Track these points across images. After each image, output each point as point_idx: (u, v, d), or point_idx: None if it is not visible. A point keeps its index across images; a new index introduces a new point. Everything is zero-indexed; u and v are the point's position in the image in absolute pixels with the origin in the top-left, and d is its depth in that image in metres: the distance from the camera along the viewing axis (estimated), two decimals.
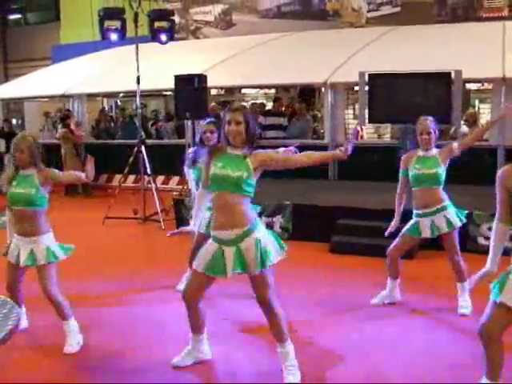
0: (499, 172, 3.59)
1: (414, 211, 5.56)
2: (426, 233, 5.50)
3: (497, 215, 3.69)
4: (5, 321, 3.42)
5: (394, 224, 5.58)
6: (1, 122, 15.65)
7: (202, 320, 4.28)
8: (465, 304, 5.44)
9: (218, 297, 5.68)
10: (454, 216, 5.53)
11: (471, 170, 10.67)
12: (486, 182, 10.40)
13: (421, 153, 5.51)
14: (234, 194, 3.94)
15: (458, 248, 5.54)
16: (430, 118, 5.49)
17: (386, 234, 5.54)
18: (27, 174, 4.61)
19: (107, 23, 10.56)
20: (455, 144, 5.55)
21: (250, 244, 3.93)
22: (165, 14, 11.30)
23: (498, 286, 3.47)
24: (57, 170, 4.77)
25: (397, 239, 5.59)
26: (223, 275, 4.01)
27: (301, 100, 14.88)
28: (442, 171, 5.48)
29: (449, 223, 5.45)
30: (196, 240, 5.47)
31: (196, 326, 4.28)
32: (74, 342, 4.67)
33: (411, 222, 5.56)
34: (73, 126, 13.41)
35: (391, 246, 5.60)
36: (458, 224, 5.53)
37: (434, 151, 5.51)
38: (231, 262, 3.96)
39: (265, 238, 4.01)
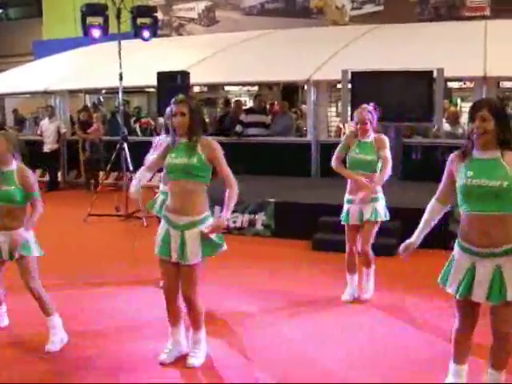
0: (450, 155, 3.74)
1: (347, 196, 5.77)
2: (355, 220, 5.67)
3: (437, 193, 3.92)
4: None
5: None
6: None
7: (181, 311, 4.36)
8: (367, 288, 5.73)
9: None
10: (382, 209, 5.66)
11: None
12: None
13: (359, 137, 5.71)
14: (189, 180, 4.12)
15: (372, 239, 5.70)
16: (368, 108, 5.66)
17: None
18: (6, 171, 4.57)
19: (90, 19, 10.49)
20: (386, 152, 5.66)
21: (194, 234, 4.14)
22: (148, 11, 11.25)
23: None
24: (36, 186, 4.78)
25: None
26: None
27: (283, 97, 14.90)
28: (377, 159, 5.65)
29: (374, 213, 5.59)
30: None
31: (176, 319, 4.31)
32: (56, 339, 4.63)
33: (344, 209, 5.76)
34: (95, 125, 13.51)
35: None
36: (382, 218, 5.69)
37: (371, 137, 5.69)
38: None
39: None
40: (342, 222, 5.79)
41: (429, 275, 6.34)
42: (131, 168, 10.11)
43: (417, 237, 4.05)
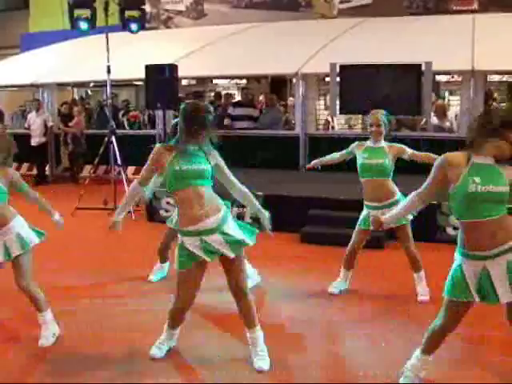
0: (447, 154, 3.62)
1: (365, 203, 5.65)
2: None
3: (421, 191, 3.82)
4: None
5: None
6: None
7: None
8: (422, 291, 5.59)
9: None
10: None
11: None
12: None
13: (369, 143, 5.64)
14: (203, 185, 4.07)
15: (412, 240, 5.62)
16: (382, 111, 5.62)
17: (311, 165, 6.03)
18: None
19: (77, 12, 10.42)
20: (408, 150, 5.64)
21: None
22: (135, 3, 11.19)
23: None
24: (25, 184, 4.78)
25: (353, 234, 5.67)
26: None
27: (272, 90, 14.89)
28: (388, 163, 5.58)
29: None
30: (167, 235, 5.55)
31: (178, 323, 4.33)
32: (49, 334, 4.60)
33: (362, 213, 5.64)
34: (76, 118, 13.46)
35: (350, 242, 5.68)
36: (409, 218, 5.49)
37: (383, 143, 5.61)
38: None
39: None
40: (361, 229, 5.64)
41: None
42: (119, 161, 10.08)
43: (389, 222, 4.09)
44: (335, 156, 5.88)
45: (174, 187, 3.99)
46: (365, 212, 5.63)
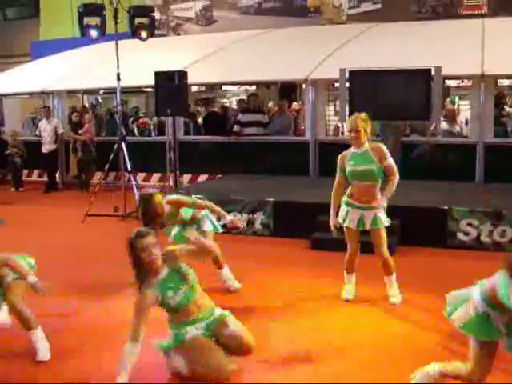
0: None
1: (348, 200, 5.63)
2: (354, 226, 5.57)
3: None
4: None
5: (332, 223, 5.67)
6: None
7: None
8: (394, 293, 5.64)
9: None
10: (384, 215, 5.56)
11: (451, 166, 10.76)
12: (465, 178, 10.56)
13: (353, 149, 5.58)
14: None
15: (386, 243, 5.59)
16: (362, 115, 5.55)
17: (332, 229, 5.71)
18: None
19: (87, 20, 10.46)
20: (388, 160, 5.53)
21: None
22: (145, 11, 11.23)
23: None
24: None
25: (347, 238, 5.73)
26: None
27: (281, 96, 14.89)
28: (377, 168, 5.49)
29: (375, 221, 5.51)
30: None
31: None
32: (43, 347, 4.52)
33: (342, 210, 5.65)
34: (87, 126, 13.54)
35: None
36: (386, 224, 5.55)
37: (367, 145, 5.55)
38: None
39: None
40: (342, 225, 5.68)
41: (428, 272, 6.39)
42: (129, 168, 10.10)
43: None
44: (337, 189, 5.74)
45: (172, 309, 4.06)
46: (344, 209, 5.63)
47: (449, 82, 13.96)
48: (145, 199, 5.52)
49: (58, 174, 14.34)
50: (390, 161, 5.53)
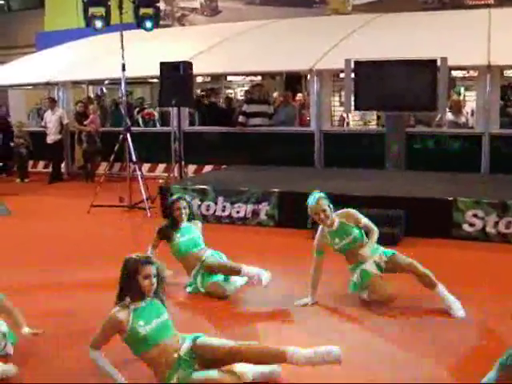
0: None
1: (351, 266, 5.44)
2: (376, 269, 5.35)
3: None
4: None
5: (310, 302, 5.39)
6: None
7: None
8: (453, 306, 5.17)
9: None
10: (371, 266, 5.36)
11: (456, 157, 10.74)
12: (470, 168, 10.54)
13: (328, 229, 5.40)
14: None
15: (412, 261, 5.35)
16: (320, 195, 5.44)
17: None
18: None
19: (91, 10, 10.43)
20: (364, 221, 5.44)
21: None
22: (150, 1, 11.15)
23: None
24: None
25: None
26: None
27: (286, 87, 14.87)
28: (357, 231, 5.39)
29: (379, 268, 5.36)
30: None
31: None
32: None
33: (355, 277, 5.35)
34: (92, 116, 13.55)
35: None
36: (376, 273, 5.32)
37: (337, 220, 5.40)
38: None
39: None
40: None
41: (432, 263, 6.36)
42: (134, 159, 10.11)
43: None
44: (316, 269, 5.43)
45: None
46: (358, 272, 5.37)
47: (455, 73, 13.92)
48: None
49: (63, 165, 14.38)
50: (364, 220, 5.44)
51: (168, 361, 3.67)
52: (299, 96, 14.60)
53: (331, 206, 5.40)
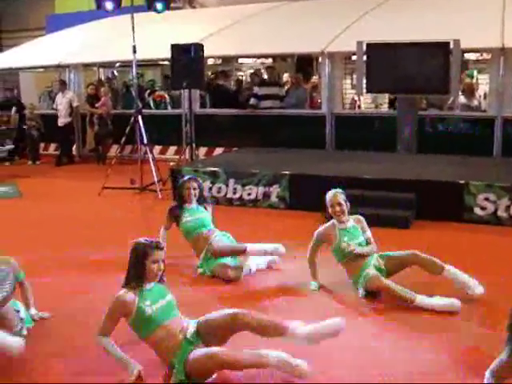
0: None
1: (353, 278, 5.26)
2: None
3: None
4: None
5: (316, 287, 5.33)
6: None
7: None
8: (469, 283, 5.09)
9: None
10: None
11: (468, 141, 10.68)
12: (482, 152, 10.49)
13: (340, 225, 5.32)
14: None
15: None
16: (339, 190, 5.37)
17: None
18: None
19: None
20: (368, 233, 5.37)
21: None
22: None
23: None
24: None
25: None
26: None
27: (298, 69, 14.80)
28: (363, 238, 5.32)
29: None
30: None
31: None
32: None
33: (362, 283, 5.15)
34: (103, 99, 13.56)
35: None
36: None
37: (351, 221, 5.36)
38: None
39: None
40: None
41: (443, 247, 6.37)
42: (145, 141, 10.12)
43: None
44: (313, 257, 5.38)
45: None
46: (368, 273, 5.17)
47: (467, 56, 13.81)
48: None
49: (74, 147, 14.42)
50: (369, 233, 5.39)
51: (174, 343, 3.71)
52: (314, 79, 14.53)
53: (348, 204, 5.34)
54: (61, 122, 13.67)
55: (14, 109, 14.64)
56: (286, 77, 15.15)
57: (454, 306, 4.72)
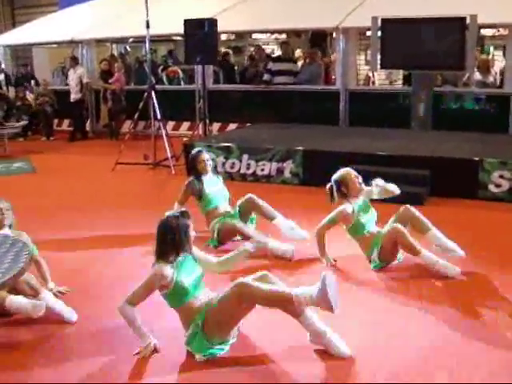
0: None
1: (366, 252, 5.31)
2: None
3: None
4: (16, 258, 3.47)
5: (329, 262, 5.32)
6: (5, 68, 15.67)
7: None
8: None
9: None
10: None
11: (483, 118, 10.60)
12: (497, 129, 10.40)
13: (352, 201, 5.36)
14: None
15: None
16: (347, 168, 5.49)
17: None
18: None
19: None
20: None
21: None
22: None
23: None
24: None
25: None
26: None
27: (312, 45, 14.70)
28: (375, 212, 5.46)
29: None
30: None
31: None
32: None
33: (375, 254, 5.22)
34: (117, 75, 13.54)
35: None
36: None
37: (361, 197, 5.45)
38: None
39: None
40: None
41: (457, 224, 6.35)
42: (159, 116, 10.12)
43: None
44: (324, 234, 5.35)
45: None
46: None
47: (483, 32, 13.65)
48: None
49: (88, 123, 14.45)
50: (379, 182, 5.61)
51: (199, 312, 3.78)
52: (334, 56, 14.44)
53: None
54: (72, 97, 13.72)
55: (32, 82, 14.65)
56: (298, 52, 15.05)
57: (456, 271, 4.91)
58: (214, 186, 6.07)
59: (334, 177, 5.51)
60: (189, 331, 3.75)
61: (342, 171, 5.47)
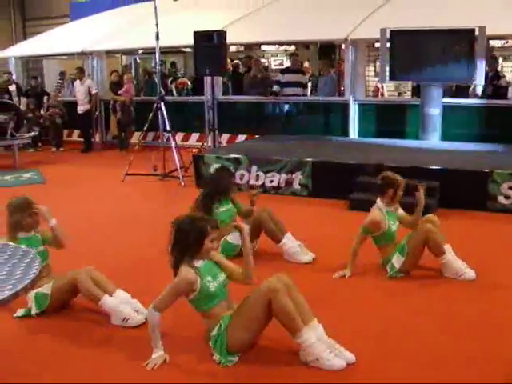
0: None
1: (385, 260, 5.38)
2: None
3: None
4: (27, 269, 3.48)
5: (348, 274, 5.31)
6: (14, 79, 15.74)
7: None
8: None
9: None
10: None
11: (492, 128, 10.58)
12: (507, 140, 10.38)
13: (390, 208, 5.38)
14: None
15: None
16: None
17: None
18: None
19: None
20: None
21: None
22: None
23: None
24: None
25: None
26: None
27: (320, 57, 14.75)
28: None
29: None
30: None
31: None
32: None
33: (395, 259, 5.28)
34: (127, 86, 13.58)
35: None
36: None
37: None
38: None
39: None
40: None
41: (466, 236, 6.34)
42: (168, 128, 10.16)
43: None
44: (358, 249, 5.35)
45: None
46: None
47: (492, 43, 13.65)
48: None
49: (97, 134, 14.51)
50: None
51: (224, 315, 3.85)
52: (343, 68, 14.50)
53: None
54: (80, 109, 13.78)
55: (45, 98, 14.69)
56: (307, 64, 15.10)
57: (471, 275, 5.08)
58: (225, 206, 5.94)
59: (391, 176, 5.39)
60: (213, 332, 3.81)
61: (399, 176, 5.38)
